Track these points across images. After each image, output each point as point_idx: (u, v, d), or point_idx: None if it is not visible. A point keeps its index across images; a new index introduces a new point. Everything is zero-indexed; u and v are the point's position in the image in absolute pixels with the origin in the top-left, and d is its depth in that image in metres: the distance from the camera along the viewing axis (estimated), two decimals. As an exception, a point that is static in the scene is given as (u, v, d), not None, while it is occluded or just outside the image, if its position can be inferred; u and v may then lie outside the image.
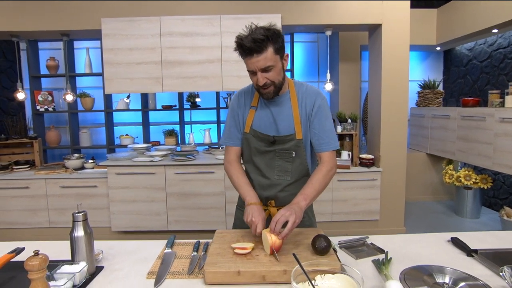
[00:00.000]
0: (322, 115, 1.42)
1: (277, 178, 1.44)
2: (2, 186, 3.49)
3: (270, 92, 1.35)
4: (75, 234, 1.12)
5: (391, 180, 3.52)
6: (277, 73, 1.32)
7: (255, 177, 1.48)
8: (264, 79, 1.30)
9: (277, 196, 1.46)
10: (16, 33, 3.53)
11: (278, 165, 1.44)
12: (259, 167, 1.46)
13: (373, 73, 3.67)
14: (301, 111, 1.42)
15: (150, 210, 3.41)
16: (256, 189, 1.48)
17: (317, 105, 1.42)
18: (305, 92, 1.45)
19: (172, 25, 3.28)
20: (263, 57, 1.25)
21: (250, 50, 1.24)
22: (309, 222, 1.53)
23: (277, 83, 1.34)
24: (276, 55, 1.28)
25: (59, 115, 4.71)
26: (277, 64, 1.30)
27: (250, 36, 1.24)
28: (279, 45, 1.29)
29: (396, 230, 3.59)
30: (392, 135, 3.48)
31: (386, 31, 3.35)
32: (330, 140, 1.42)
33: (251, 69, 1.30)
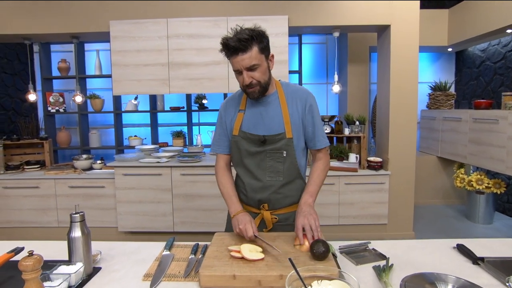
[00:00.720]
0: (314, 114, 1.44)
1: (269, 180, 1.43)
2: (14, 185, 3.56)
3: (255, 91, 1.35)
4: (72, 235, 1.13)
5: (400, 183, 3.45)
6: (263, 72, 1.33)
7: (246, 180, 1.47)
8: (250, 78, 1.31)
9: (270, 199, 1.44)
10: (28, 36, 3.60)
11: (269, 165, 1.42)
12: (250, 169, 1.45)
13: (381, 74, 3.62)
14: (291, 110, 1.42)
15: (156, 211, 3.42)
16: (248, 193, 1.47)
17: (309, 103, 1.43)
18: (294, 92, 1.45)
19: (179, 27, 3.29)
20: (248, 56, 1.27)
21: (235, 49, 1.26)
22: None
23: (262, 83, 1.34)
24: (261, 54, 1.30)
25: (70, 116, 4.79)
26: (262, 64, 1.31)
27: (236, 36, 1.26)
28: (264, 45, 1.30)
29: (404, 234, 3.52)
30: (401, 138, 3.42)
31: (394, 32, 3.30)
32: (323, 137, 1.47)
33: (236, 68, 1.32)
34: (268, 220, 1.44)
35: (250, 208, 1.49)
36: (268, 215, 1.44)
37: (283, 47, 3.27)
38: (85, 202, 3.52)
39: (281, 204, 1.46)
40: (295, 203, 1.47)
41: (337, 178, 3.41)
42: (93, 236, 4.10)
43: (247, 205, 1.50)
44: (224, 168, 1.55)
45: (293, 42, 4.63)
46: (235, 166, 1.52)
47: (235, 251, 1.17)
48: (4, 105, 4.68)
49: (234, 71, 1.35)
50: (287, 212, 1.47)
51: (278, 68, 3.29)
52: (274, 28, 3.24)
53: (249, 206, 1.49)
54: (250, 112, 1.45)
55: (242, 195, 1.52)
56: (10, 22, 3.47)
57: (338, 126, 3.64)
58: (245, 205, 1.50)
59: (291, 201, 1.47)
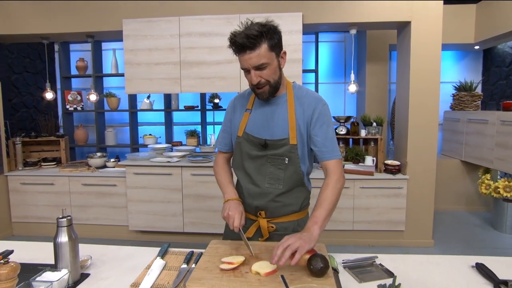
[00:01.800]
0: (324, 122, 1.31)
1: (268, 187, 1.33)
2: (31, 181, 3.64)
3: (265, 92, 1.26)
4: (58, 240, 1.08)
5: (419, 189, 3.27)
6: (272, 71, 1.23)
7: (245, 185, 1.39)
8: (258, 77, 1.22)
9: (268, 206, 1.35)
10: (46, 35, 3.67)
11: (269, 172, 1.33)
12: (250, 173, 1.36)
13: (401, 74, 3.44)
14: (298, 116, 1.31)
15: (166, 211, 3.40)
16: (246, 198, 1.39)
17: (318, 111, 1.31)
18: (304, 97, 1.34)
19: (191, 25, 3.25)
20: (256, 54, 1.18)
21: (243, 46, 1.18)
22: None
23: (272, 83, 1.25)
24: (271, 52, 1.21)
25: (88, 114, 4.86)
26: (272, 62, 1.22)
27: (244, 32, 1.18)
28: (274, 41, 1.21)
29: (423, 242, 3.34)
30: (420, 141, 3.24)
31: (415, 29, 3.12)
32: (334, 148, 1.31)
33: (244, 66, 1.23)
34: (264, 229, 1.35)
35: (248, 214, 1.40)
36: (265, 223, 1.35)
37: (297, 45, 3.16)
38: (98, 200, 3.55)
39: (279, 213, 1.36)
40: (296, 212, 1.38)
41: (352, 182, 3.27)
42: (104, 234, 4.15)
43: (245, 211, 1.41)
44: (223, 162, 1.51)
45: (310, 41, 4.51)
46: (235, 169, 1.44)
47: (227, 262, 1.09)
48: (26, 103, 4.81)
49: (242, 69, 1.27)
50: (286, 221, 1.37)
51: (291, 67, 3.19)
52: (288, 25, 3.14)
53: (247, 212, 1.41)
54: (257, 113, 1.37)
55: None
56: (28, 22, 3.54)
57: (354, 127, 3.49)
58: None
59: (290, 210, 1.37)
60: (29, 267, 1.19)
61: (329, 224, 3.40)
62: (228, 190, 1.39)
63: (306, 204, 1.42)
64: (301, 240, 1.06)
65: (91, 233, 3.63)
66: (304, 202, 1.40)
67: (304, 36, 4.57)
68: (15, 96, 4.60)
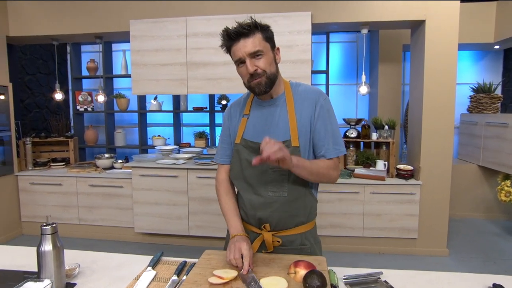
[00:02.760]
0: (325, 116, 1.23)
1: (272, 195, 1.23)
2: (40, 181, 3.67)
3: (261, 83, 1.18)
4: (42, 249, 1.03)
5: (433, 195, 3.13)
6: (268, 62, 1.18)
7: (246, 196, 1.29)
8: (254, 66, 1.15)
9: (272, 217, 1.24)
10: (56, 37, 3.69)
11: (272, 179, 1.23)
12: (251, 182, 1.26)
13: (414, 75, 3.31)
14: (299, 114, 1.23)
15: (172, 213, 3.36)
16: (248, 210, 1.29)
17: (319, 105, 1.23)
18: (303, 93, 1.26)
19: (197, 26, 3.20)
20: (251, 41, 1.14)
21: (237, 34, 1.14)
22: (311, 250, 1.29)
23: (268, 73, 1.18)
24: (266, 42, 1.17)
25: (98, 115, 4.89)
26: (267, 53, 1.18)
27: (238, 24, 1.16)
28: (268, 34, 1.19)
29: (437, 251, 3.19)
30: (435, 145, 3.09)
31: (430, 28, 2.98)
32: (335, 144, 1.23)
33: (238, 56, 1.17)
34: (269, 243, 1.25)
35: (251, 227, 1.31)
36: (269, 237, 1.24)
37: (306, 46, 3.07)
38: (104, 201, 3.55)
39: (285, 225, 1.25)
40: (303, 224, 1.27)
41: (362, 187, 3.16)
42: (110, 236, 4.13)
43: (247, 223, 1.32)
44: (226, 180, 1.39)
45: (321, 41, 4.41)
46: (233, 179, 1.34)
47: (218, 276, 1.02)
48: (38, 104, 4.88)
49: (235, 62, 1.20)
50: (292, 234, 1.26)
51: (300, 68, 3.11)
52: (297, 25, 3.05)
53: (250, 225, 1.31)
54: (255, 117, 1.29)
55: (242, 212, 1.34)
56: (39, 24, 3.57)
57: (365, 131, 3.37)
58: (245, 223, 1.32)
59: (297, 222, 1.26)
60: (15, 275, 1.15)
61: (338, 230, 3.29)
62: (233, 223, 1.27)
63: (314, 214, 1.32)
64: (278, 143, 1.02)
65: (98, 234, 3.62)
66: (312, 212, 1.30)
67: (315, 37, 4.48)
68: (28, 97, 4.67)
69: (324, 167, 1.19)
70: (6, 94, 3.58)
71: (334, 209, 3.21)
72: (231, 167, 1.35)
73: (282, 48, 3.00)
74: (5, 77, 3.60)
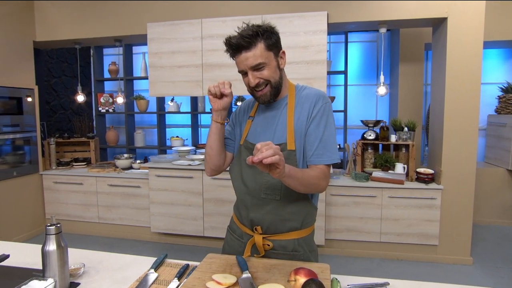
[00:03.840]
0: (321, 121, 1.19)
1: (264, 197, 1.22)
2: (63, 181, 3.80)
3: (266, 94, 1.19)
4: (46, 248, 1.06)
5: (455, 200, 2.99)
6: (272, 71, 1.16)
7: (241, 196, 1.29)
8: (256, 78, 1.15)
9: (264, 220, 1.22)
10: (78, 41, 3.82)
11: (266, 181, 1.21)
12: (247, 183, 1.25)
13: (435, 75, 3.18)
14: (297, 117, 1.21)
15: (187, 214, 3.39)
16: (241, 209, 1.29)
17: (317, 108, 1.20)
18: (304, 96, 1.24)
19: (213, 27, 3.22)
20: (252, 54, 1.12)
21: (238, 46, 1.12)
22: (304, 257, 1.25)
23: (272, 82, 1.17)
24: (268, 51, 1.14)
25: (120, 116, 5.02)
26: (270, 62, 1.15)
27: (239, 33, 1.13)
28: (271, 41, 1.14)
29: (460, 259, 3.05)
30: (457, 147, 2.95)
31: (452, 25, 2.85)
32: (325, 151, 1.17)
33: (241, 68, 1.17)
34: (260, 246, 1.23)
35: (245, 228, 1.30)
36: (260, 240, 1.22)
37: (321, 46, 3.02)
38: (123, 200, 3.63)
39: (277, 229, 1.23)
40: (297, 229, 1.24)
41: (379, 190, 3.06)
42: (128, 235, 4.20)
43: (241, 224, 1.32)
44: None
45: (340, 41, 4.33)
46: (233, 180, 1.34)
47: (216, 281, 1.01)
48: (63, 105, 5.06)
49: (239, 72, 1.20)
50: (285, 239, 1.23)
51: (315, 69, 3.05)
52: (312, 25, 3.01)
53: (244, 226, 1.31)
54: (259, 120, 1.29)
55: (237, 212, 1.35)
56: (62, 28, 3.70)
57: (384, 132, 3.27)
58: (240, 224, 1.32)
59: (290, 226, 1.23)
60: (24, 272, 1.19)
61: (354, 234, 3.22)
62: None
63: (309, 221, 1.28)
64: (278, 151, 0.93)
65: (116, 233, 3.71)
66: (307, 219, 1.26)
67: (333, 37, 4.41)
68: (54, 99, 4.86)
69: (314, 176, 1.14)
70: (33, 97, 3.74)
71: (350, 212, 3.14)
72: (232, 168, 1.35)
73: (297, 48, 3.00)
74: (32, 80, 3.76)
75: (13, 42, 3.53)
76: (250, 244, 1.25)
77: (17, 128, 3.58)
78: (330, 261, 3.12)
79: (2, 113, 3.42)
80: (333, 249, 3.25)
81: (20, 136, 3.62)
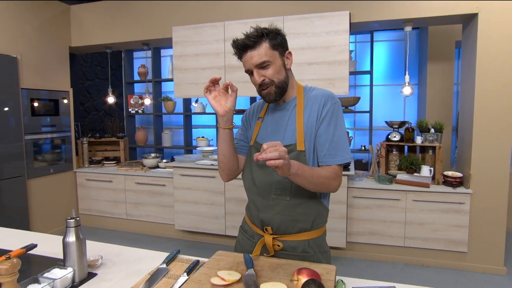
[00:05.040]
0: (331, 121, 1.20)
1: (275, 198, 1.23)
2: (94, 178, 4.02)
3: (271, 93, 1.21)
4: (67, 240, 1.14)
5: (486, 205, 2.84)
6: (276, 71, 1.19)
7: (252, 196, 1.31)
8: (261, 76, 1.18)
9: (274, 220, 1.24)
10: (109, 45, 4.02)
11: (276, 181, 1.23)
12: (257, 184, 1.28)
13: (465, 73, 3.04)
14: (306, 118, 1.22)
15: (209, 213, 3.47)
16: (252, 210, 1.32)
17: (326, 108, 1.21)
18: (313, 97, 1.25)
19: (235, 30, 3.27)
20: (256, 53, 1.15)
21: (244, 46, 1.16)
22: (314, 258, 1.25)
23: (276, 82, 1.20)
24: (273, 50, 1.17)
25: (149, 117, 5.22)
26: (275, 61, 1.18)
27: (245, 35, 1.17)
28: (276, 41, 1.18)
29: (491, 269, 2.89)
30: (488, 150, 2.81)
31: (483, 22, 2.72)
32: (338, 151, 1.19)
33: (246, 68, 1.21)
34: (269, 246, 1.24)
35: (255, 228, 1.32)
36: (270, 240, 1.24)
37: (343, 46, 2.98)
38: (149, 198, 3.77)
39: (287, 229, 1.24)
40: (307, 230, 1.25)
41: (404, 193, 2.98)
42: (153, 231, 4.36)
43: (253, 224, 1.34)
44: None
45: (365, 40, 4.24)
46: (244, 180, 1.37)
47: (221, 278, 1.04)
48: (97, 107, 5.34)
49: (246, 72, 1.23)
50: (294, 240, 1.24)
51: (337, 70, 3.02)
52: (333, 25, 2.98)
53: (254, 225, 1.33)
54: (268, 120, 1.32)
55: (248, 212, 1.38)
56: (94, 34, 3.92)
57: (409, 134, 3.17)
58: (251, 224, 1.35)
59: (300, 227, 1.24)
60: (49, 261, 1.28)
61: (377, 238, 3.15)
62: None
63: (320, 222, 1.28)
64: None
65: (142, 229, 3.86)
66: (318, 220, 1.26)
67: (359, 36, 4.33)
68: (87, 101, 5.14)
69: (325, 176, 1.15)
70: (68, 98, 3.98)
71: (372, 215, 3.07)
72: (244, 170, 1.38)
73: (318, 49, 3.00)
74: (67, 83, 4.00)
75: (52, 48, 3.78)
76: (261, 244, 1.26)
77: (54, 128, 3.83)
78: (352, 264, 3.07)
79: (43, 114, 3.67)
80: (355, 252, 3.19)
81: (57, 136, 3.87)
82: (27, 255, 1.30)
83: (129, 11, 3.74)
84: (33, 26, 3.54)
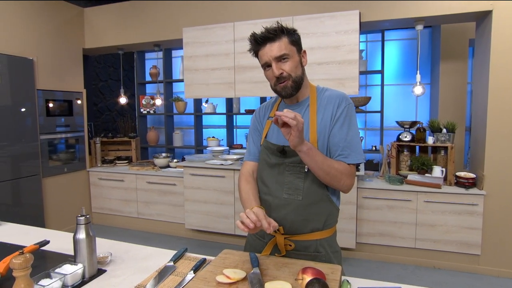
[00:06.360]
0: (344, 122, 1.21)
1: (287, 198, 1.24)
2: (106, 177, 4.09)
3: (287, 86, 1.21)
4: (77, 236, 1.17)
5: (501, 206, 2.78)
6: (294, 65, 1.20)
7: (263, 197, 1.31)
8: (279, 69, 1.19)
9: (286, 220, 1.24)
10: (121, 47, 4.09)
11: (288, 181, 1.23)
12: (267, 184, 1.28)
13: (478, 72, 2.98)
14: (320, 117, 1.23)
15: (219, 212, 3.49)
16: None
17: (340, 109, 1.22)
18: (326, 97, 1.26)
19: (244, 30, 3.29)
20: (277, 45, 1.17)
21: (263, 38, 1.18)
22: (326, 258, 1.25)
23: (294, 77, 1.21)
24: (292, 46, 1.20)
25: (160, 117, 5.29)
26: (293, 56, 1.20)
27: (265, 28, 1.21)
28: (294, 37, 1.21)
29: (506, 273, 2.82)
30: (503, 150, 2.74)
31: (497, 19, 2.66)
32: (351, 151, 1.20)
33: (264, 61, 1.21)
34: (281, 246, 1.25)
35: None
36: (282, 240, 1.24)
37: (353, 46, 2.96)
38: (160, 197, 3.82)
39: (299, 229, 1.24)
40: (319, 230, 1.25)
41: (415, 194, 2.94)
42: (164, 230, 4.41)
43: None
44: (248, 174, 1.37)
45: (376, 39, 4.20)
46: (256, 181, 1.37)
47: (226, 276, 1.05)
48: (109, 107, 5.43)
49: (262, 66, 1.24)
50: (306, 239, 1.24)
51: (346, 69, 3.00)
52: (343, 25, 2.96)
53: None
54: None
55: None
56: (107, 36, 4.00)
57: (420, 134, 3.13)
58: None
59: (312, 227, 1.24)
60: (62, 257, 1.32)
61: (387, 239, 3.12)
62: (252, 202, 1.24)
63: (331, 222, 1.28)
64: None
65: (153, 228, 3.92)
66: (329, 220, 1.27)
67: (370, 35, 4.29)
68: (101, 101, 5.23)
69: (337, 168, 1.17)
70: (82, 99, 4.07)
71: (383, 216, 3.04)
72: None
73: (328, 48, 2.98)
74: (81, 84, 4.09)
75: (66, 50, 3.87)
76: (272, 244, 1.27)
77: (68, 128, 3.92)
78: (361, 265, 3.05)
79: (57, 114, 3.76)
80: (365, 253, 3.17)
81: (71, 136, 3.96)
82: (40, 251, 1.34)
83: (141, 13, 3.80)
84: (48, 29, 3.64)
